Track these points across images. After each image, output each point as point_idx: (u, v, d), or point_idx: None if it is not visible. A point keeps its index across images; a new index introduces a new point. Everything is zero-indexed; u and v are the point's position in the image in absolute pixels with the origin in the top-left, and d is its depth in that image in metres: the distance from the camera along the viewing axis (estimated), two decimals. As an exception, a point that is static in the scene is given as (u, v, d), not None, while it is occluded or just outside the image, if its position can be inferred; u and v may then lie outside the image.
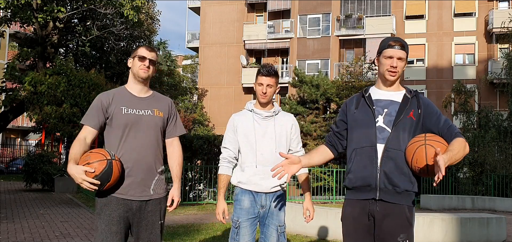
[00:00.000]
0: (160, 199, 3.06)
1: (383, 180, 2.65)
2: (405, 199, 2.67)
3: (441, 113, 2.75)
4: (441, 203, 14.28)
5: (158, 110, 3.08)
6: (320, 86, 27.67)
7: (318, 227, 7.58)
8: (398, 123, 2.68)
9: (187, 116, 33.31)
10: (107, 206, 2.89)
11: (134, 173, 2.93)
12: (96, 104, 2.98)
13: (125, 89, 3.09)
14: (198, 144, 13.01)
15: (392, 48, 2.72)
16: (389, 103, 2.75)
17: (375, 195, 2.66)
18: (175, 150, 3.21)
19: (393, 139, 2.66)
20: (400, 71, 2.73)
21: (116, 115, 2.95)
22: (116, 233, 2.87)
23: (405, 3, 32.13)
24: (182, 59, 48.88)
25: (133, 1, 17.74)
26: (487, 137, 19.33)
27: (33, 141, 34.82)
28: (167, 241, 6.82)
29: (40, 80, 13.27)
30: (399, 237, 2.64)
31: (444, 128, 2.68)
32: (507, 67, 22.14)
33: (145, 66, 3.02)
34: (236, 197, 3.43)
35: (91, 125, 2.94)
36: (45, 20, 16.58)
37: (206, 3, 36.73)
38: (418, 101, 2.76)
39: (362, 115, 2.77)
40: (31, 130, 25.52)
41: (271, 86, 3.39)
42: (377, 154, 2.67)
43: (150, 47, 3.10)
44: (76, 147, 2.81)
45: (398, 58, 2.71)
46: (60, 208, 10.46)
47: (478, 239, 7.54)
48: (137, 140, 2.95)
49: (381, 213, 2.66)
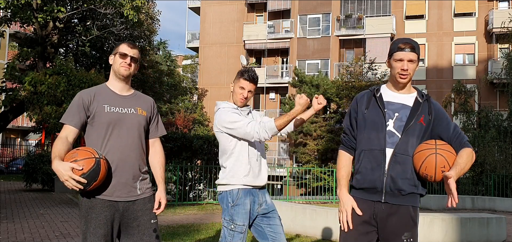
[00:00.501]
0: (149, 198, 2.96)
1: (389, 184, 2.68)
2: (410, 200, 2.70)
3: (450, 120, 2.76)
4: (441, 203, 14.28)
5: (141, 109, 2.98)
6: (320, 86, 27.68)
7: (318, 227, 7.58)
8: (408, 129, 2.69)
9: (187, 117, 33.33)
10: (92, 209, 2.78)
11: (119, 173, 2.84)
12: (77, 102, 2.85)
13: (107, 87, 2.98)
14: (198, 144, 12.99)
15: (402, 51, 2.69)
16: (400, 107, 2.75)
17: (380, 197, 2.70)
18: (157, 150, 3.10)
19: (402, 144, 2.68)
20: (411, 74, 2.72)
21: (98, 113, 2.84)
22: (104, 235, 2.77)
23: (405, 3, 32.13)
24: (182, 59, 48.88)
25: (133, 1, 17.73)
26: (487, 137, 19.34)
27: (33, 141, 34.82)
28: (167, 241, 6.82)
29: (40, 80, 13.27)
30: (403, 235, 2.67)
31: (453, 136, 2.71)
32: (507, 67, 22.15)
33: (126, 64, 2.92)
34: (238, 201, 3.29)
35: (72, 123, 2.82)
36: (45, 20, 16.57)
37: (206, 3, 36.73)
38: (429, 107, 2.76)
39: (373, 116, 2.76)
40: (31, 130, 25.51)
41: (251, 92, 3.38)
42: (386, 158, 2.69)
43: (132, 44, 3.00)
44: (59, 145, 2.69)
45: (408, 60, 2.69)
46: (60, 208, 10.46)
47: (478, 239, 7.54)
48: (121, 139, 2.85)
49: (386, 212, 2.70)
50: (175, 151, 12.75)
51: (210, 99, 35.56)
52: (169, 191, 12.89)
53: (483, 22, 30.69)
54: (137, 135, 2.93)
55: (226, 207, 3.30)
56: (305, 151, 27.81)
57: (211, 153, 13.44)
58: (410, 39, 2.74)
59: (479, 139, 19.56)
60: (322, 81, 27.96)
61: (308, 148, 27.68)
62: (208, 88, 35.90)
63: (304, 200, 14.72)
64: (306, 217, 7.79)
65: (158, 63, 33.11)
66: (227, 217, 3.29)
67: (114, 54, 2.97)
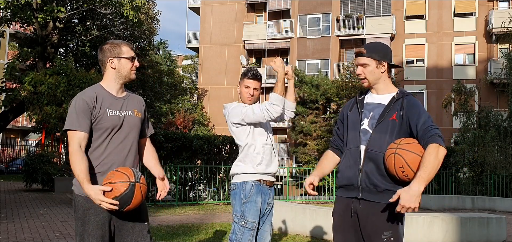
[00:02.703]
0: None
1: (364, 180, 2.75)
2: (387, 197, 2.68)
3: (422, 114, 2.70)
4: (441, 203, 14.28)
5: (137, 111, 2.96)
6: (320, 86, 27.67)
7: (318, 227, 7.58)
8: (378, 125, 2.77)
9: (187, 117, 33.32)
10: (90, 210, 2.74)
11: None
12: (82, 107, 2.75)
13: (104, 88, 2.89)
14: (198, 144, 13.00)
15: (356, 57, 2.89)
16: (376, 106, 2.86)
17: (357, 194, 2.78)
18: (150, 148, 3.11)
19: (373, 141, 2.75)
20: (368, 76, 2.84)
21: (101, 117, 2.78)
22: (101, 236, 2.76)
23: (405, 3, 32.13)
24: (182, 59, 48.88)
25: (133, 1, 17.73)
26: (487, 137, 19.34)
27: (33, 141, 34.83)
28: (167, 241, 6.82)
29: (40, 80, 13.26)
30: (383, 234, 2.68)
31: (420, 130, 2.65)
32: (507, 67, 22.15)
33: (135, 67, 2.90)
34: (251, 198, 3.39)
35: (84, 129, 2.72)
36: (45, 20, 16.57)
37: (206, 3, 36.73)
38: (402, 103, 2.77)
39: (352, 117, 2.93)
40: (31, 130, 25.53)
41: (257, 89, 3.53)
42: (361, 155, 2.79)
43: (129, 43, 2.96)
44: (78, 163, 2.64)
45: (360, 64, 2.86)
46: (60, 208, 10.46)
47: (478, 239, 7.53)
48: (120, 142, 2.83)
49: (365, 212, 2.75)
50: (175, 151, 12.75)
51: (210, 99, 35.56)
52: (169, 191, 12.89)
53: (483, 22, 30.69)
54: (135, 137, 2.92)
55: (238, 203, 3.41)
56: (305, 151, 27.81)
57: (211, 153, 13.45)
58: (364, 45, 2.89)
59: (479, 139, 19.56)
60: (322, 81, 27.95)
61: (308, 148, 27.69)
62: (208, 88, 35.89)
63: (304, 200, 14.73)
64: (306, 217, 7.79)
65: (158, 63, 33.14)
66: (238, 213, 3.40)
67: (117, 57, 2.87)
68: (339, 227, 2.89)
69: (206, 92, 35.97)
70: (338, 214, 2.90)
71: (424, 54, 31.50)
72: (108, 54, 2.88)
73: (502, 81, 24.62)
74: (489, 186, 17.16)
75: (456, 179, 17.56)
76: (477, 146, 19.16)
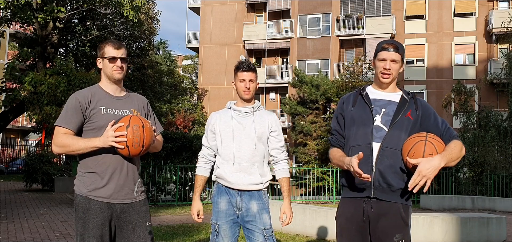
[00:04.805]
0: (143, 201, 2.95)
1: (377, 178, 2.66)
2: (400, 197, 2.67)
3: (437, 116, 2.80)
4: (441, 203, 14.28)
5: (136, 111, 2.96)
6: (320, 86, 27.67)
7: (318, 227, 7.58)
8: (395, 122, 2.70)
9: (187, 117, 33.34)
10: (90, 210, 2.75)
11: (117, 176, 2.81)
12: (73, 105, 2.78)
13: (101, 88, 2.93)
14: (198, 144, 13.00)
15: (385, 51, 2.75)
16: (387, 103, 2.78)
17: (369, 193, 2.69)
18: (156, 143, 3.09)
19: (389, 138, 2.68)
20: (394, 74, 2.77)
21: (96, 115, 2.80)
22: (101, 237, 2.75)
23: (405, 3, 32.12)
24: (182, 59, 48.91)
25: (133, 1, 17.72)
26: (487, 137, 19.34)
27: (33, 141, 34.83)
28: (167, 241, 6.82)
29: (40, 80, 13.25)
30: (395, 237, 2.65)
31: (443, 130, 2.73)
32: (507, 67, 22.14)
33: (118, 67, 2.87)
34: (213, 199, 3.36)
35: (69, 126, 2.76)
36: (45, 20, 16.56)
37: (206, 3, 36.73)
38: (416, 103, 2.79)
39: (359, 113, 2.79)
40: (31, 130, 25.50)
41: (253, 81, 3.33)
42: (373, 152, 2.68)
43: (117, 43, 2.92)
44: (71, 140, 2.74)
45: (391, 60, 2.74)
46: (60, 208, 10.46)
47: (478, 239, 7.54)
48: None
49: (376, 213, 2.68)
50: (175, 151, 12.76)
51: (210, 99, 35.57)
52: (169, 191, 12.89)
53: (483, 22, 30.69)
54: None
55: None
56: (305, 151, 27.80)
57: (211, 153, 13.44)
58: (394, 41, 2.81)
59: (479, 139, 19.56)
60: (322, 81, 27.96)
61: (308, 148, 27.68)
62: (208, 88, 35.89)
63: (304, 200, 14.73)
64: (306, 217, 7.79)
65: (158, 64, 33.12)
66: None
67: (101, 57, 2.90)
68: (345, 231, 2.78)
69: (206, 92, 35.97)
70: (345, 217, 2.79)
71: (424, 54, 31.50)
72: (98, 54, 2.96)
73: (502, 81, 24.60)
74: (489, 186, 17.15)
75: (456, 179, 17.56)
76: (477, 146, 19.15)
